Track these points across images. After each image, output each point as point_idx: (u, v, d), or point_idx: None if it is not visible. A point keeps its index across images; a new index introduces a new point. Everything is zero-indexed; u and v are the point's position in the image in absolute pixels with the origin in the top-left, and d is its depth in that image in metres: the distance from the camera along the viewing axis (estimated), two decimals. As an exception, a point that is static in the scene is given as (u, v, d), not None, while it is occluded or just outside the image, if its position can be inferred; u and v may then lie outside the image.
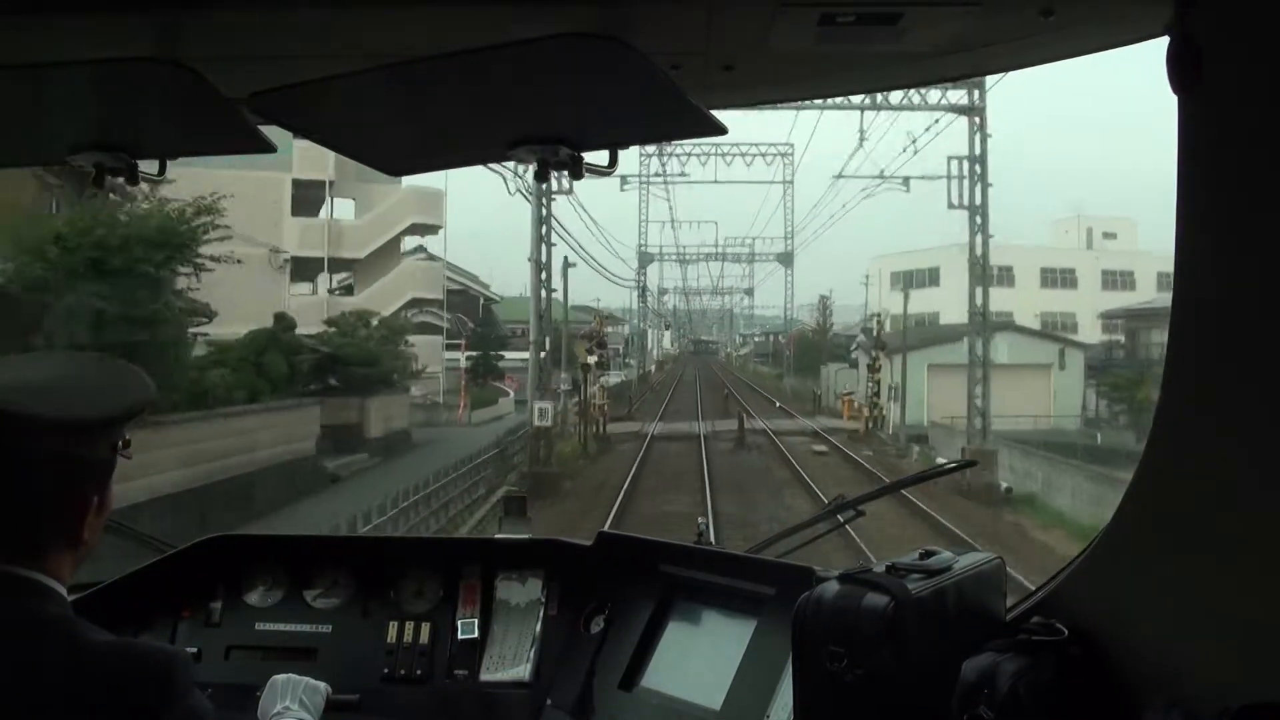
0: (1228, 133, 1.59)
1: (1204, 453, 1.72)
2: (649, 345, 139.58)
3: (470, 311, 62.90)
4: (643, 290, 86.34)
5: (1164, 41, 1.64)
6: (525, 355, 56.36)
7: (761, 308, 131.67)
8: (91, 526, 1.66)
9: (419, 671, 2.96)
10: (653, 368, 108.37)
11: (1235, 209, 1.59)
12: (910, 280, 67.15)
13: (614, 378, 77.10)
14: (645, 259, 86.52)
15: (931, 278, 70.03)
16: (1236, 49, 1.54)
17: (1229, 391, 1.65)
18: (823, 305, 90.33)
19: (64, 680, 1.52)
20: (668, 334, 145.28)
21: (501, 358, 59.46)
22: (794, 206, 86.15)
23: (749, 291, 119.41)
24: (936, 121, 34.28)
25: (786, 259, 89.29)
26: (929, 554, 2.05)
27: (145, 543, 3.22)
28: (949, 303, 61.94)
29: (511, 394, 54.96)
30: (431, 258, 59.13)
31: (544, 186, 30.81)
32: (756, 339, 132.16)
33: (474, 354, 58.35)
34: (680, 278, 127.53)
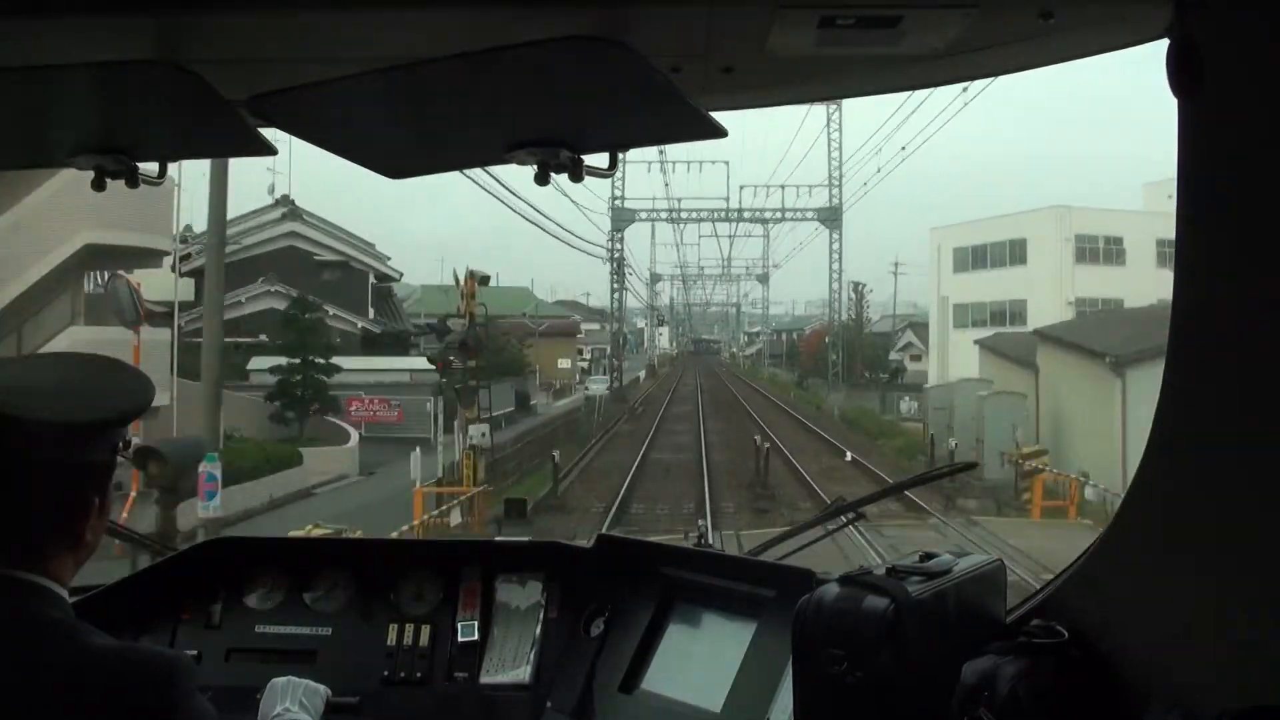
0: (1228, 135, 1.59)
1: (1204, 455, 1.72)
2: (644, 344, 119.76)
3: (351, 292, 39.58)
4: (618, 263, 64.17)
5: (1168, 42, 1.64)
6: (420, 365, 36.23)
7: (776, 303, 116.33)
8: (93, 529, 1.66)
9: (419, 674, 2.96)
10: (642, 373, 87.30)
11: (1236, 211, 1.60)
12: (984, 257, 53.74)
13: (597, 385, 61.25)
14: (622, 217, 62.73)
15: (1015, 253, 52.22)
16: (1237, 52, 1.54)
17: (1229, 394, 1.65)
18: (859, 295, 70.56)
19: (65, 684, 1.52)
20: (664, 331, 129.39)
21: (336, 369, 34.72)
22: (843, 143, 64.42)
23: (763, 278, 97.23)
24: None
25: (830, 217, 60.48)
26: (929, 556, 2.05)
27: (145, 545, 3.22)
28: (1040, 285, 47.37)
29: (354, 437, 31.47)
30: (293, 210, 38.66)
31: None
32: (764, 337, 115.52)
33: (285, 364, 33.82)
34: (676, 259, 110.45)
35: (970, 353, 47.17)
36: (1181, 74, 1.59)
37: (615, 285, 67.02)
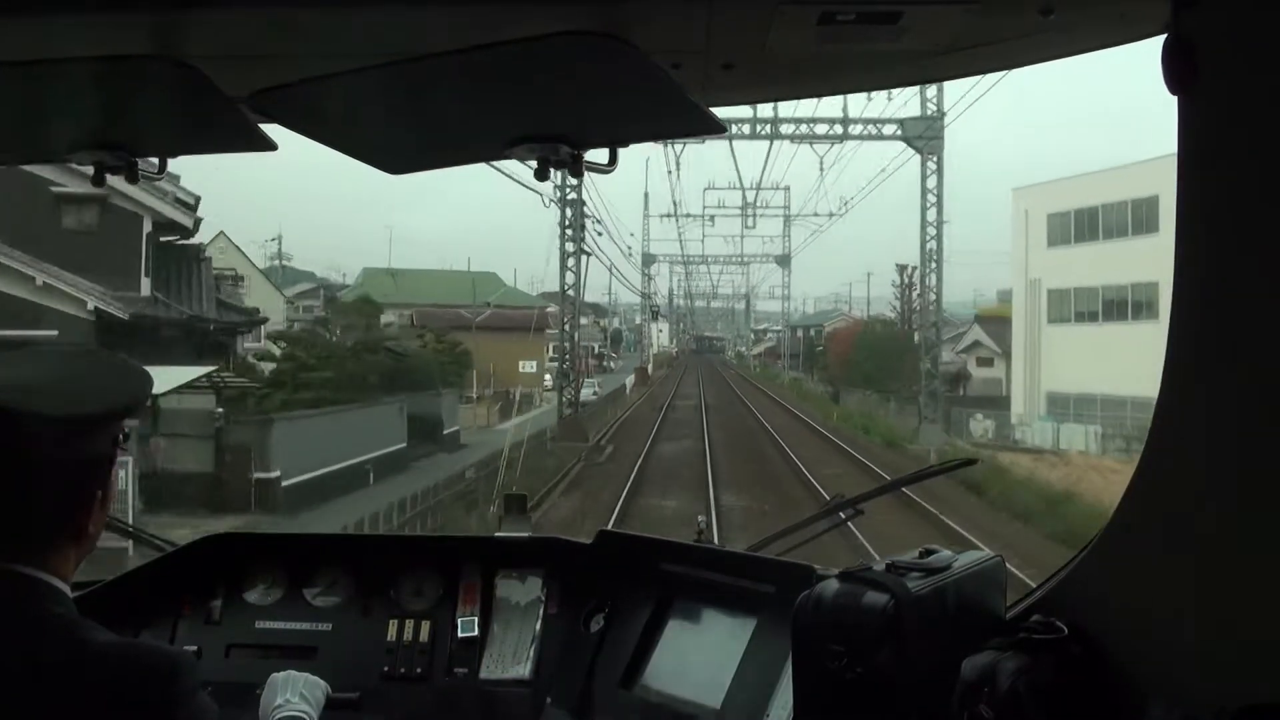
0: (1227, 132, 1.59)
1: (1203, 453, 1.72)
2: (646, 340, 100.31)
3: (110, 246, 24.17)
4: (572, 212, 37.00)
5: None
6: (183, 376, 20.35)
7: (806, 298, 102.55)
8: (95, 521, 1.67)
9: (419, 670, 2.97)
10: (630, 380, 66.28)
11: (1235, 209, 1.60)
12: (1093, 224, 39.08)
13: (582, 390, 41.70)
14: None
15: (1142, 218, 36.29)
16: (1236, 48, 1.54)
17: (1228, 390, 1.65)
18: (908, 280, 50.91)
19: (67, 681, 1.52)
20: (661, 327, 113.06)
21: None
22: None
23: (783, 260, 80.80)
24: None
25: (924, 133, 35.92)
26: (929, 552, 2.06)
27: (145, 541, 3.23)
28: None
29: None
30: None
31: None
32: (781, 334, 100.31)
33: None
34: (673, 200, 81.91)
35: (1076, 356, 36.67)
36: (1176, 70, 1.59)
37: (567, 243, 37.38)
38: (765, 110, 37.49)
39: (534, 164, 1.76)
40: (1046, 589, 2.18)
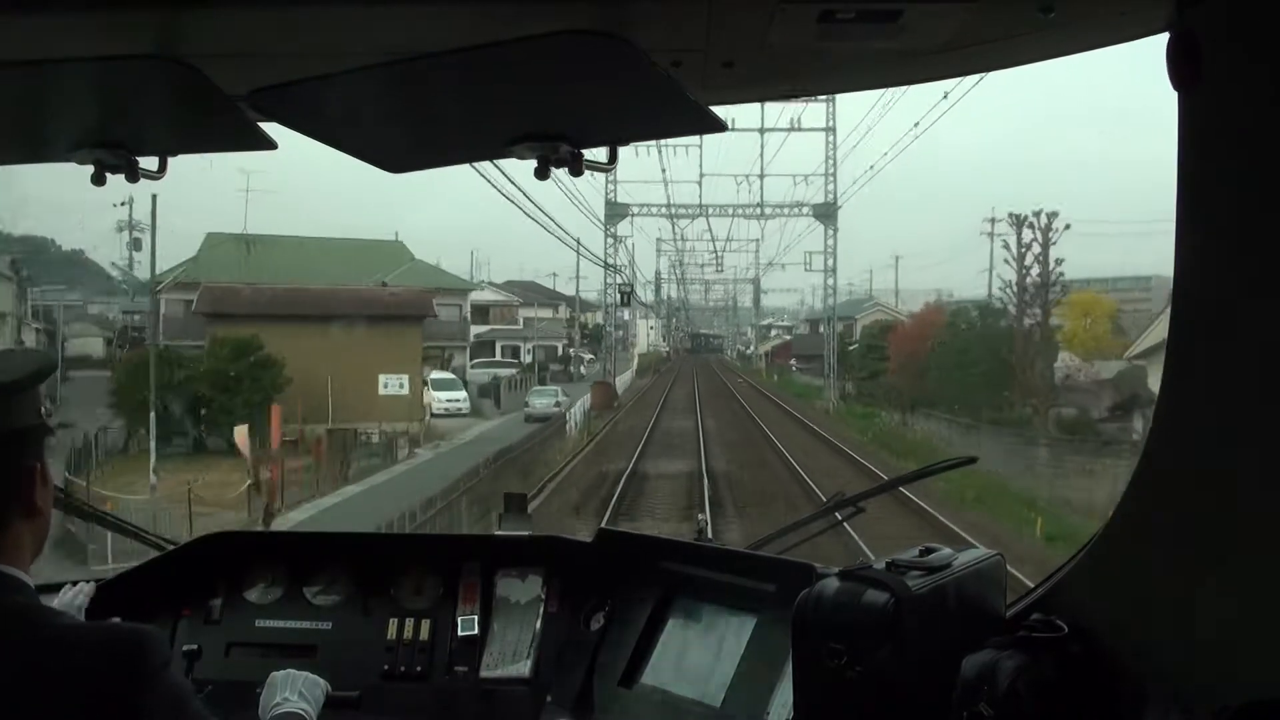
0: (1228, 130, 1.59)
1: (1204, 452, 1.72)
2: (629, 339, 69.05)
3: None
4: None
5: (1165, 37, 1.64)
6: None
7: (787, 290, 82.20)
8: (42, 495, 1.67)
9: (419, 668, 2.97)
10: (581, 406, 41.18)
11: (1236, 207, 1.60)
12: None
13: (543, 400, 37.18)
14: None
15: None
16: (1237, 45, 1.54)
17: (1229, 390, 1.65)
18: (1036, 238, 31.07)
19: (32, 669, 1.51)
20: (654, 324, 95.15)
21: None
22: None
23: (825, 211, 49.74)
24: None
25: None
26: (929, 551, 2.06)
27: (145, 540, 3.23)
28: None
29: None
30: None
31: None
32: (777, 330, 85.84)
33: None
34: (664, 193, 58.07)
35: None
36: (1181, 67, 1.59)
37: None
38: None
39: (534, 162, 1.77)
40: (1046, 588, 2.18)
